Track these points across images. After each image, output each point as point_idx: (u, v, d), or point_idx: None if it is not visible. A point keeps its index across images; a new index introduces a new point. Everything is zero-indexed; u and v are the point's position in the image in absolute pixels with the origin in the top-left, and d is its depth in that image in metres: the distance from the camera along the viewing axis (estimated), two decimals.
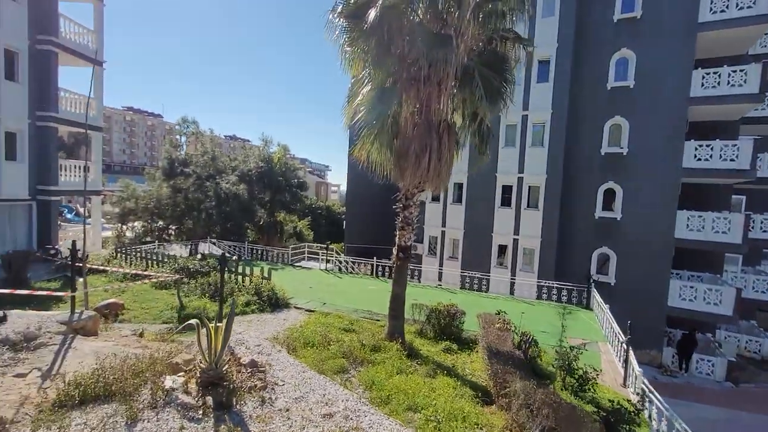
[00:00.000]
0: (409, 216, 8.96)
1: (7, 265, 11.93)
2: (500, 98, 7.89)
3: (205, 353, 4.60)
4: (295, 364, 6.16)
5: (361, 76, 8.80)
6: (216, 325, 5.01)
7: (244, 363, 5.14)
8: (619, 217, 18.32)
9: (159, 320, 10.20)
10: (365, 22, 7.91)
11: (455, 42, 7.22)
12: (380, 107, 7.84)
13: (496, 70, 7.96)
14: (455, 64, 7.15)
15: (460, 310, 9.56)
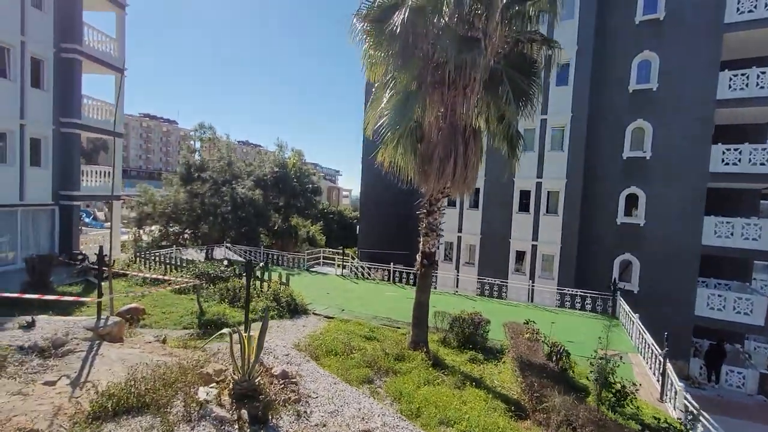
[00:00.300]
0: (434, 222, 8.78)
1: (31, 268, 12.07)
2: (529, 101, 7.69)
3: (238, 364, 4.47)
4: (325, 375, 6.01)
5: (385, 81, 8.70)
6: (248, 334, 4.88)
7: (276, 374, 5.01)
8: (643, 223, 17.84)
9: (179, 326, 10.17)
10: (391, 25, 7.82)
11: (483, 44, 7.06)
12: (404, 111, 7.72)
13: (524, 73, 7.78)
14: (483, 67, 6.98)
15: (485, 318, 9.32)
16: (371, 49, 8.21)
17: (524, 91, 7.63)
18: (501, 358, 8.50)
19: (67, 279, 14.14)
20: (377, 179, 31.21)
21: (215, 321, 10.35)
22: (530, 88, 7.75)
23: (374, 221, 30.67)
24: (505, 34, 7.83)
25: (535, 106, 7.85)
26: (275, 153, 27.24)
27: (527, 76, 7.76)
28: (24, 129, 14.64)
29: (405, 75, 7.69)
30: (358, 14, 8.36)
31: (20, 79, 14.37)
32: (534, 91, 7.77)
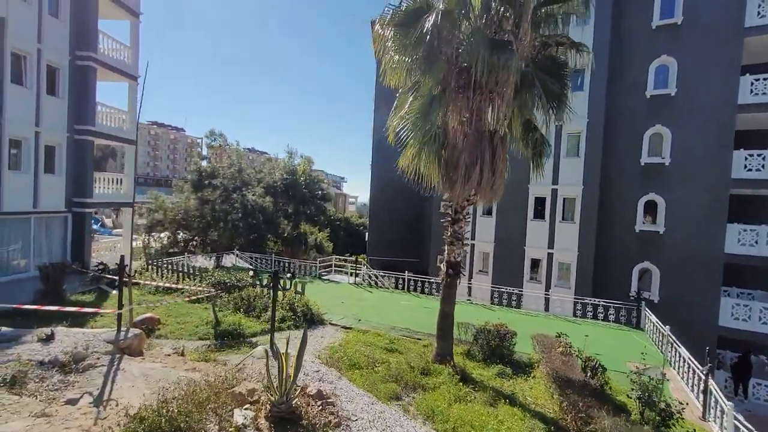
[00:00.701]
0: (459, 230, 8.51)
1: (45, 276, 11.93)
2: (562, 105, 7.45)
3: (274, 383, 4.21)
4: (360, 393, 5.72)
5: (408, 86, 8.51)
6: (286, 351, 4.62)
7: (311, 393, 4.74)
8: (662, 230, 17.43)
9: (195, 336, 9.93)
10: (418, 29, 7.65)
11: (515, 47, 6.86)
12: (428, 116, 7.52)
13: (555, 76, 7.56)
14: (516, 70, 6.76)
15: (511, 330, 8.99)
16: (395, 53, 8.01)
17: (556, 94, 7.41)
18: (530, 373, 8.15)
19: (79, 287, 13.99)
20: (387, 186, 31.05)
21: (231, 331, 10.10)
22: (562, 91, 7.51)
23: (384, 228, 30.44)
24: (533, 37, 7.62)
25: (569, 110, 7.60)
26: (285, 160, 27.18)
27: (558, 80, 7.54)
28: (39, 136, 14.61)
29: (430, 79, 7.49)
30: (381, 19, 8.20)
31: (36, 87, 14.38)
32: (566, 95, 7.53)
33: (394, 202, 30.23)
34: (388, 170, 30.72)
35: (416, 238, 29.98)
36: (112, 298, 13.25)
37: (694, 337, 15.16)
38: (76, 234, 16.43)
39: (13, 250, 14.41)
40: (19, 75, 14.08)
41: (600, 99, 18.14)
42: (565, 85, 7.62)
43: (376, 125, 30.79)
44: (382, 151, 30.57)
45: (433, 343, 10.05)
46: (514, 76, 6.79)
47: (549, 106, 7.19)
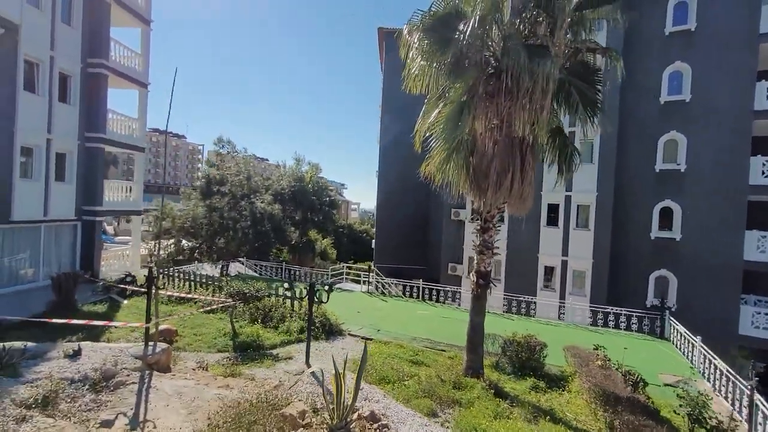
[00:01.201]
0: (489, 239, 8.32)
1: (57, 287, 11.69)
2: (597, 111, 7.29)
3: (330, 406, 3.98)
4: (411, 414, 5.48)
5: (436, 93, 8.36)
6: (343, 371, 4.38)
7: (364, 415, 4.51)
8: (679, 237, 17.23)
9: (214, 348, 9.67)
10: (447, 33, 7.54)
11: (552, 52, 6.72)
12: (458, 123, 7.34)
13: (589, 82, 7.42)
14: (555, 76, 6.61)
15: (541, 341, 8.75)
16: (424, 59, 7.86)
17: (591, 100, 7.26)
18: (565, 386, 7.90)
19: (90, 297, 13.74)
20: (394, 193, 30.91)
21: (250, 343, 9.86)
22: (596, 97, 7.36)
23: (391, 236, 30.20)
24: (566, 43, 7.49)
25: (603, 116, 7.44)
26: (293, 167, 27.05)
27: (591, 85, 7.40)
28: (50, 144, 14.44)
29: (460, 86, 7.33)
30: (409, 24, 8.09)
31: (48, 94, 14.23)
32: (601, 101, 7.38)
33: (401, 209, 30.07)
34: (395, 177, 30.64)
35: (423, 245, 29.75)
36: (124, 309, 13.02)
37: (713, 346, 14.93)
38: (86, 242, 16.19)
39: (23, 259, 14.16)
40: (31, 82, 13.94)
41: (613, 105, 18.03)
42: (598, 92, 7.48)
43: (383, 132, 30.72)
44: (389, 158, 30.47)
45: (458, 354, 9.83)
46: (554, 82, 6.63)
47: (585, 113, 7.03)
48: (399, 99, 30.10)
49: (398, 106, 29.96)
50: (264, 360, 8.83)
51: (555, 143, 8.09)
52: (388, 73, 30.28)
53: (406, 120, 29.83)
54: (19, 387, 4.58)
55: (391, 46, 30.33)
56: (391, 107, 30.28)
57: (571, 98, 7.08)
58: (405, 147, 30.30)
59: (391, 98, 30.25)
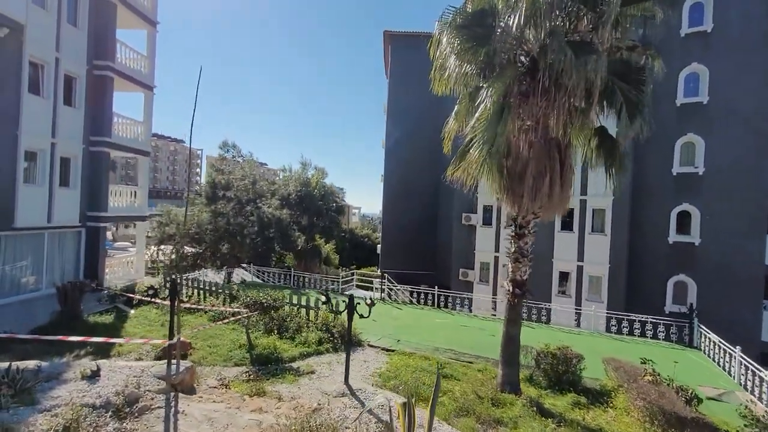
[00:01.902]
0: (524, 246, 7.92)
1: (63, 297, 11.19)
2: (641, 114, 6.92)
3: None
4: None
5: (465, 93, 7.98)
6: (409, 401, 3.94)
7: None
8: (698, 242, 16.89)
9: (230, 362, 9.18)
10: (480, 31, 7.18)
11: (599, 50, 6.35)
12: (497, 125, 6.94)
13: (630, 82, 7.05)
14: (603, 74, 6.23)
15: (577, 353, 8.32)
16: (457, 58, 7.49)
17: (634, 102, 6.88)
18: (607, 402, 7.45)
19: (96, 306, 13.24)
20: (399, 197, 30.55)
21: (268, 356, 9.39)
22: (639, 98, 6.98)
23: (397, 240, 29.80)
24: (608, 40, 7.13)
25: (646, 120, 7.07)
26: (299, 171, 26.62)
27: (634, 86, 7.03)
28: (55, 148, 13.98)
29: (498, 85, 6.94)
30: (441, 22, 7.73)
31: (53, 97, 13.79)
32: (645, 103, 7.01)
33: (407, 213, 29.70)
34: (401, 180, 30.29)
35: (430, 250, 29.35)
36: (132, 319, 12.52)
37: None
38: (90, 249, 15.68)
39: (26, 267, 13.64)
40: (36, 84, 13.50)
41: None
42: (642, 92, 7.10)
43: (389, 135, 30.39)
44: (395, 162, 30.14)
45: (487, 367, 9.41)
46: (601, 80, 6.26)
47: (629, 115, 6.66)
48: (405, 102, 29.90)
49: (404, 109, 29.69)
50: (285, 375, 8.36)
51: (600, 145, 7.70)
52: (394, 76, 30.00)
53: (413, 123, 29.62)
54: (37, 417, 4.12)
55: (397, 48, 30.09)
56: (397, 110, 29.98)
57: (615, 98, 6.72)
58: (411, 150, 30.09)
59: (396, 101, 29.97)
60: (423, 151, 29.41)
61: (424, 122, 29.39)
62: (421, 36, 29.90)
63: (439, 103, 29.38)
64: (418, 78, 29.42)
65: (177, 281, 6.32)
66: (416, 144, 29.38)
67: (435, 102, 29.59)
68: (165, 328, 11.58)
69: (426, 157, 29.40)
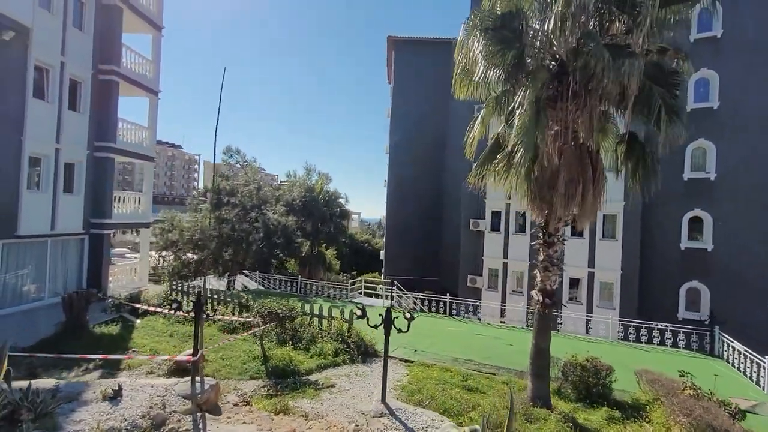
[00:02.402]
0: (554, 255, 7.67)
1: (68, 307, 10.81)
2: (679, 118, 6.74)
3: None
4: None
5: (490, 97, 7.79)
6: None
7: None
8: (710, 247, 16.74)
9: (245, 375, 8.84)
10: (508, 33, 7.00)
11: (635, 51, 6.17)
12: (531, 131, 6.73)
13: (664, 86, 6.87)
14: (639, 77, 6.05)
15: (607, 365, 8.05)
16: (485, 60, 7.29)
17: (670, 106, 6.70)
18: (642, 416, 7.18)
19: (101, 316, 12.84)
20: (403, 203, 30.33)
21: (283, 368, 9.09)
22: (675, 103, 6.81)
23: (401, 246, 29.52)
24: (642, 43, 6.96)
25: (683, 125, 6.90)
26: (303, 176, 26.38)
27: (670, 90, 6.85)
28: (59, 153, 13.66)
29: (533, 88, 6.74)
30: (467, 23, 7.55)
31: (58, 101, 13.50)
32: (680, 108, 6.83)
33: (411, 218, 29.47)
34: (404, 186, 30.08)
35: (434, 256, 29.09)
36: (139, 329, 12.14)
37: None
38: (94, 257, 15.30)
39: (28, 276, 13.25)
40: (41, 89, 13.22)
41: None
42: (676, 96, 6.94)
43: (393, 140, 30.22)
44: (399, 167, 29.95)
45: (512, 379, 9.13)
46: (638, 84, 6.07)
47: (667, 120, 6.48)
48: (409, 107, 29.79)
49: (408, 114, 29.58)
50: (305, 389, 8.04)
51: (628, 151, 7.51)
52: (398, 81, 29.92)
53: (417, 128, 29.49)
54: None
55: (401, 53, 30.04)
56: (401, 115, 29.87)
57: (653, 102, 6.53)
58: (415, 155, 29.94)
59: (400, 106, 29.86)
60: (427, 156, 29.28)
61: (428, 127, 29.29)
62: (425, 42, 29.89)
63: (444, 108, 29.37)
64: (421, 83, 29.38)
65: (202, 293, 6.01)
66: (420, 149, 29.25)
67: (439, 107, 29.57)
68: (174, 338, 11.24)
69: (430, 162, 29.26)
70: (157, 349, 10.19)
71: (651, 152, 7.37)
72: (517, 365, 10.41)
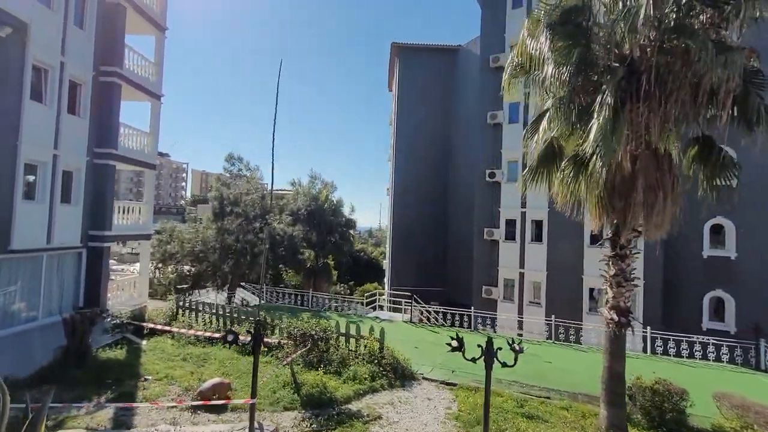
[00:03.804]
0: (627, 268, 7.04)
1: (71, 331, 9.72)
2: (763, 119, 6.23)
3: None
4: None
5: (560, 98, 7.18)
6: None
7: None
8: (734, 255, 16.43)
9: (278, 406, 7.93)
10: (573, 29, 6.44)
11: None
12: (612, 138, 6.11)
13: (753, 86, 6.36)
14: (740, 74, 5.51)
15: (681, 388, 7.41)
16: (554, 57, 6.69)
17: (764, 107, 6.19)
18: None
19: (102, 338, 11.73)
20: (408, 212, 29.62)
21: (319, 397, 8.21)
22: (759, 104, 6.30)
23: (406, 256, 28.73)
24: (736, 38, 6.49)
25: None
26: (307, 185, 25.49)
27: (756, 88, 6.34)
28: (57, 160, 12.58)
29: (611, 88, 6.14)
30: (531, 17, 6.98)
31: (57, 105, 12.46)
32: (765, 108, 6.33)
33: (417, 227, 28.79)
34: (409, 194, 29.44)
35: (441, 266, 28.39)
36: (147, 353, 11.06)
37: None
38: (91, 273, 14.12)
39: (21, 294, 12.05)
40: (38, 91, 12.19)
41: None
42: (760, 97, 6.43)
43: (398, 148, 29.63)
44: (402, 176, 29.32)
45: (571, 404, 8.43)
46: (738, 80, 5.53)
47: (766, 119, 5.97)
48: (413, 114, 29.30)
49: (412, 121, 29.09)
50: (353, 422, 7.19)
51: (702, 155, 6.99)
52: (403, 88, 29.45)
53: (421, 135, 28.97)
54: None
55: (406, 60, 29.62)
56: (405, 122, 29.34)
57: (750, 101, 6.00)
58: (419, 163, 29.37)
59: (404, 113, 29.35)
60: (432, 164, 28.75)
61: (432, 134, 28.81)
62: (429, 49, 29.57)
63: (448, 115, 28.98)
64: (426, 90, 28.97)
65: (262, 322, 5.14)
66: (425, 156, 28.73)
67: (443, 114, 29.17)
68: (189, 362, 10.22)
69: (435, 170, 28.73)
70: (172, 376, 9.19)
71: (727, 157, 6.82)
72: (565, 386, 9.74)
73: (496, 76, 21.40)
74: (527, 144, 7.76)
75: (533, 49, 7.06)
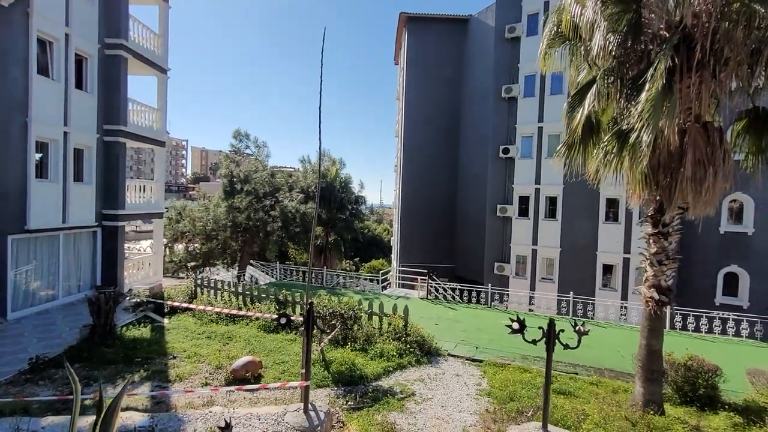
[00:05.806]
0: (669, 246, 6.90)
1: (96, 310, 9.67)
2: None
3: None
4: None
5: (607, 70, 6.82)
6: None
7: None
8: (751, 231, 16.33)
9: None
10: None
11: None
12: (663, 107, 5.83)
13: None
14: None
15: (713, 365, 7.42)
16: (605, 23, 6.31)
17: None
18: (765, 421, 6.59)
19: (124, 317, 11.72)
20: (416, 187, 29.33)
21: (349, 374, 8.24)
22: None
23: (415, 232, 28.66)
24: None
25: None
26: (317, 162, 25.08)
27: None
28: (68, 137, 12.29)
29: (663, 57, 5.80)
30: None
31: (64, 79, 12.06)
32: None
33: (425, 204, 28.56)
34: (417, 170, 29.06)
35: (450, 242, 28.37)
36: (171, 331, 11.06)
37: None
38: (107, 252, 14.09)
39: (40, 274, 12.02)
40: (44, 65, 11.74)
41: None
42: None
43: (407, 122, 29.01)
44: (410, 151, 28.84)
45: (601, 380, 8.50)
46: None
47: None
48: (422, 87, 28.51)
49: (421, 95, 28.35)
50: (388, 400, 7.22)
51: (751, 128, 6.71)
52: (411, 60, 28.52)
53: (430, 109, 28.30)
54: None
55: (414, 30, 28.57)
56: (413, 96, 28.60)
57: None
58: (428, 138, 28.83)
59: (412, 86, 28.56)
60: (441, 139, 28.22)
61: (441, 108, 28.14)
62: (439, 18, 28.45)
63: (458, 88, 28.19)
64: (435, 62, 28.07)
65: (313, 304, 5.03)
66: (434, 131, 28.16)
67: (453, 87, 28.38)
68: (214, 340, 10.24)
69: (444, 145, 28.24)
70: (200, 354, 9.21)
71: None
72: (590, 362, 9.80)
73: (512, 47, 20.64)
74: (567, 118, 7.45)
75: (577, 15, 6.66)
